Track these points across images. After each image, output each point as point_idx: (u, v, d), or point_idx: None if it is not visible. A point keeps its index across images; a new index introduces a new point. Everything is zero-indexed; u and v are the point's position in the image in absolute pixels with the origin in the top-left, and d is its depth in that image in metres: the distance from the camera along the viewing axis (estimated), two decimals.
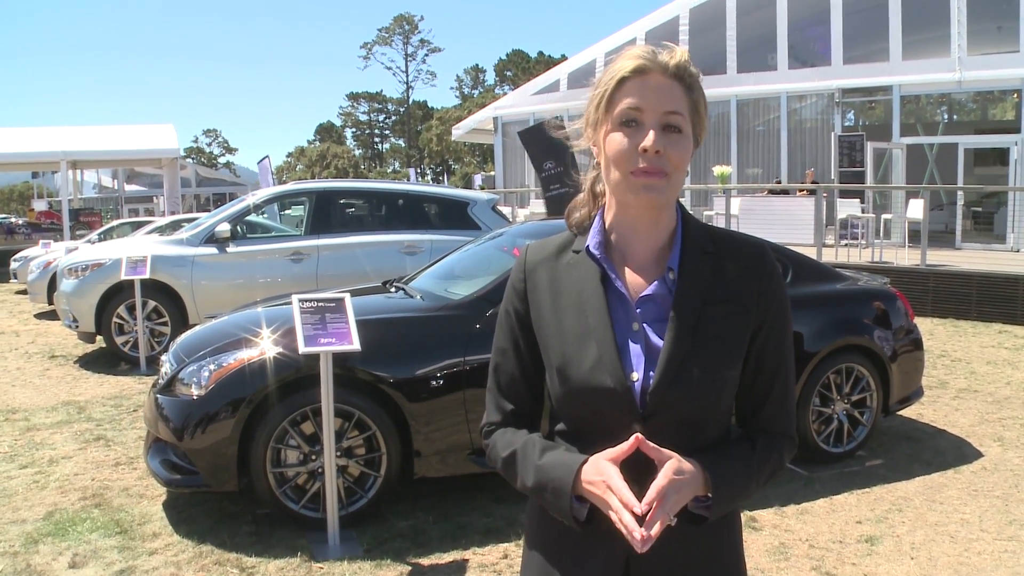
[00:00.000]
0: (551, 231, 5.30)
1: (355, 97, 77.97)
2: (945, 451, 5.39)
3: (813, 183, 16.08)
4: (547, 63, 57.84)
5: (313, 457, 4.05)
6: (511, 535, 4.03)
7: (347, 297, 4.03)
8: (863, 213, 14.99)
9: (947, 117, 23.04)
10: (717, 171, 15.94)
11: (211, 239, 8.48)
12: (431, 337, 4.38)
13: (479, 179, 33.99)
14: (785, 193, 17.03)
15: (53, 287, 10.08)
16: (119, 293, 8.23)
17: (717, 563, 1.43)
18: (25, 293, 13.40)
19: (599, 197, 1.48)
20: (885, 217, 14.33)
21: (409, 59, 75.32)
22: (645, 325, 1.37)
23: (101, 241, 13.60)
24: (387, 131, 79.83)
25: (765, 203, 16.66)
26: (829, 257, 12.58)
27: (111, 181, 39.62)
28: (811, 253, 11.41)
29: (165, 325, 8.31)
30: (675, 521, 1.26)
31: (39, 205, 29.44)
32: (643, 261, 1.41)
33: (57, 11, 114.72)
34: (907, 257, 12.63)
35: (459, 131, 29.55)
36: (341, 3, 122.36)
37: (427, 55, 76.16)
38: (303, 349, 3.82)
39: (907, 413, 6.10)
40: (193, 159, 62.46)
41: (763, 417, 1.44)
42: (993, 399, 6.71)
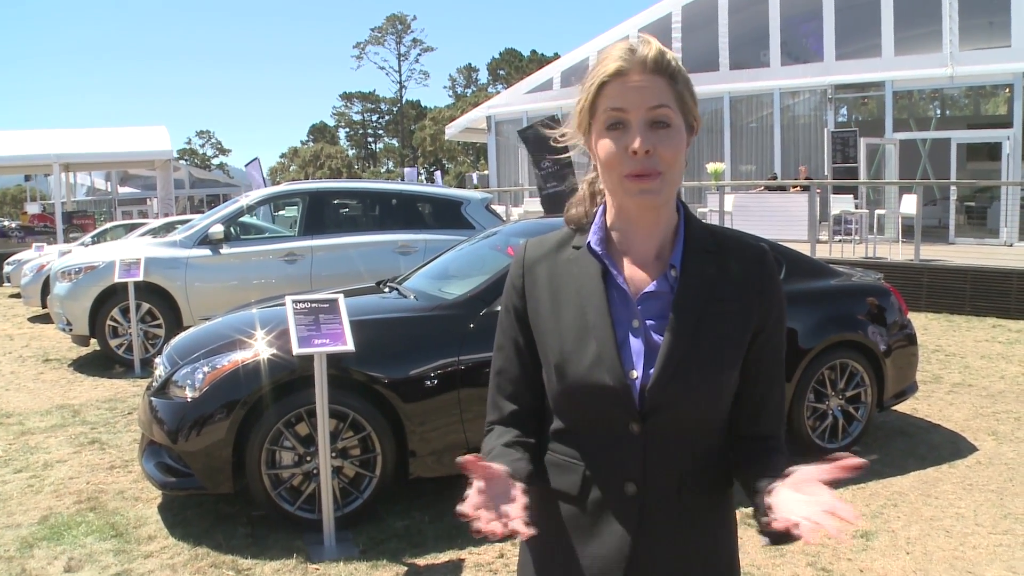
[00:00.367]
0: (546, 229, 5.30)
1: (348, 97, 77.87)
2: (940, 446, 5.41)
3: (806, 179, 16.11)
4: (540, 61, 57.80)
5: (308, 458, 4.05)
6: (507, 535, 4.02)
7: (341, 298, 4.03)
8: (856, 209, 15.02)
9: (939, 112, 23.06)
10: (711, 168, 15.95)
11: (205, 241, 8.47)
12: (425, 337, 4.37)
13: (475, 177, 33.95)
14: (782, 190, 17.05)
15: (47, 290, 10.04)
16: (113, 296, 8.21)
17: (714, 556, 1.43)
18: (19, 297, 13.36)
19: (597, 196, 1.47)
20: (878, 213, 14.38)
21: (402, 59, 75.22)
22: (646, 322, 1.36)
23: (95, 244, 13.57)
24: (380, 131, 79.72)
25: (759, 199, 16.68)
26: (823, 253, 12.62)
27: (104, 183, 39.52)
28: (805, 249, 11.43)
29: (159, 327, 8.29)
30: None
31: (32, 208, 29.32)
32: (644, 258, 1.39)
33: (48, 14, 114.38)
34: (901, 252, 12.66)
35: (452, 130, 29.48)
36: (333, 3, 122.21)
37: (420, 54, 76.11)
38: (297, 350, 3.81)
39: (902, 408, 6.12)
40: (186, 161, 62.25)
41: (763, 421, 1.43)
42: (987, 393, 6.73)
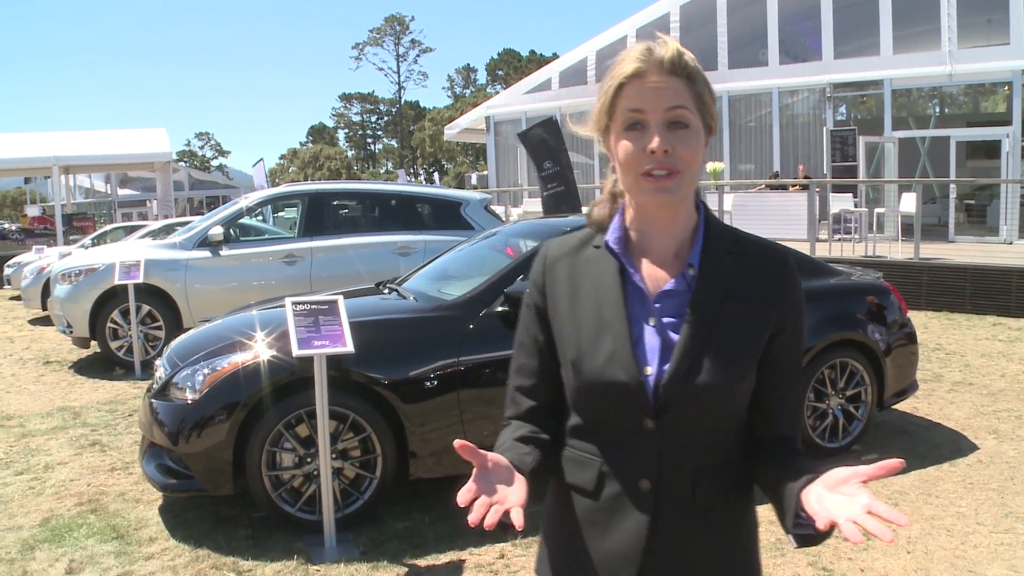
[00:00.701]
0: (546, 230, 5.32)
1: (347, 98, 77.90)
2: (940, 444, 5.41)
3: (805, 178, 16.11)
4: (539, 62, 57.78)
5: (308, 460, 4.05)
6: (507, 535, 4.03)
7: (340, 299, 4.03)
8: (856, 207, 15.02)
9: (938, 110, 23.07)
10: (710, 167, 15.95)
11: (204, 242, 8.47)
12: (425, 338, 4.37)
13: (474, 178, 33.94)
14: (783, 188, 17.05)
15: (47, 293, 10.05)
16: (113, 298, 8.21)
17: (731, 555, 1.43)
18: (19, 299, 13.36)
19: (618, 197, 1.49)
20: (878, 211, 14.36)
21: (400, 60, 75.33)
22: (663, 320, 1.37)
23: (94, 246, 13.58)
24: (380, 132, 79.76)
25: (759, 199, 16.69)
26: (822, 252, 12.61)
27: (103, 185, 39.52)
28: (804, 248, 11.44)
29: (159, 329, 8.30)
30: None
31: (32, 210, 29.36)
32: (663, 257, 1.41)
33: (47, 16, 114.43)
34: (900, 251, 12.66)
35: (451, 131, 29.49)
36: (331, 4, 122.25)
37: (418, 55, 76.31)
38: (297, 352, 3.81)
39: (902, 407, 6.12)
40: (186, 162, 62.36)
41: (782, 423, 1.44)
42: (988, 392, 6.73)
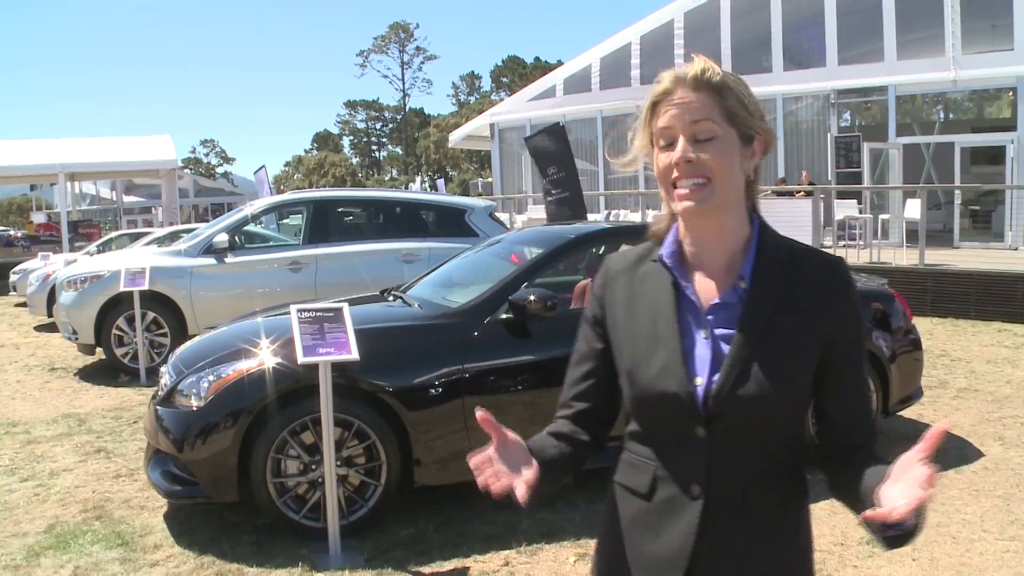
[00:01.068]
0: (550, 237, 5.33)
1: (352, 105, 78.10)
2: (946, 451, 5.39)
3: (810, 184, 16.09)
4: (543, 68, 57.83)
5: (313, 467, 4.05)
6: (512, 542, 4.02)
7: (345, 307, 4.04)
8: (860, 214, 14.99)
9: (943, 116, 23.06)
10: None
11: (209, 250, 8.49)
12: (429, 345, 4.38)
13: (479, 185, 33.98)
14: (789, 195, 17.04)
15: (52, 299, 10.08)
16: (118, 305, 8.23)
17: (781, 564, 1.44)
18: (25, 306, 13.39)
19: (675, 212, 1.52)
20: (883, 217, 14.36)
21: (405, 67, 75.45)
22: (715, 332, 1.41)
23: (100, 253, 13.61)
24: (384, 139, 79.93)
25: (764, 205, 16.17)
26: None
27: (109, 192, 39.64)
28: None
29: (164, 336, 8.31)
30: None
31: (38, 217, 29.44)
32: (715, 270, 1.45)
33: (52, 23, 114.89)
34: (905, 257, 12.64)
35: (456, 138, 29.54)
36: (336, 12, 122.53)
37: (423, 62, 76.29)
38: (302, 359, 3.82)
39: (907, 414, 6.10)
40: (191, 169, 62.45)
41: (853, 432, 1.45)
42: (993, 398, 6.71)
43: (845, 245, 14.21)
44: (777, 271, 1.42)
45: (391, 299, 5.24)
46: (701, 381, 1.39)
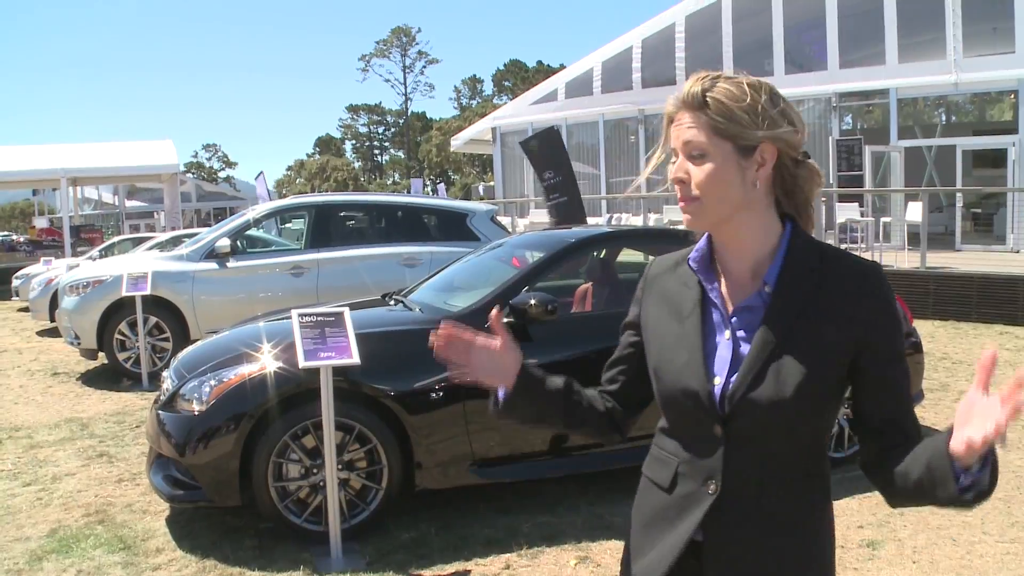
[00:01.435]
0: (551, 241, 5.33)
1: (354, 109, 78.22)
2: None
3: None
4: (545, 72, 57.90)
5: (315, 471, 4.07)
6: (513, 545, 4.03)
7: (346, 311, 4.06)
8: (862, 217, 15.00)
9: (944, 119, 23.07)
10: None
11: (211, 254, 8.51)
12: (431, 350, 4.37)
13: (481, 189, 34.02)
14: None
15: (55, 304, 10.09)
16: (120, 309, 8.24)
17: (797, 565, 1.46)
18: (27, 311, 13.41)
19: None
20: (884, 220, 14.35)
21: (407, 71, 75.56)
22: (737, 334, 1.45)
23: (102, 258, 13.64)
24: (386, 143, 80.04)
25: None
26: None
27: (111, 197, 39.71)
28: None
29: (167, 341, 8.33)
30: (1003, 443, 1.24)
31: (40, 222, 29.57)
32: (741, 273, 1.48)
33: (54, 28, 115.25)
34: (907, 260, 12.65)
35: (458, 142, 29.59)
36: (339, 16, 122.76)
37: (425, 67, 76.41)
38: (303, 364, 3.84)
39: None
40: (193, 174, 62.60)
41: (900, 438, 1.42)
42: None
43: (847, 248, 14.18)
44: (805, 276, 1.43)
45: (392, 303, 5.25)
46: (719, 381, 1.42)
